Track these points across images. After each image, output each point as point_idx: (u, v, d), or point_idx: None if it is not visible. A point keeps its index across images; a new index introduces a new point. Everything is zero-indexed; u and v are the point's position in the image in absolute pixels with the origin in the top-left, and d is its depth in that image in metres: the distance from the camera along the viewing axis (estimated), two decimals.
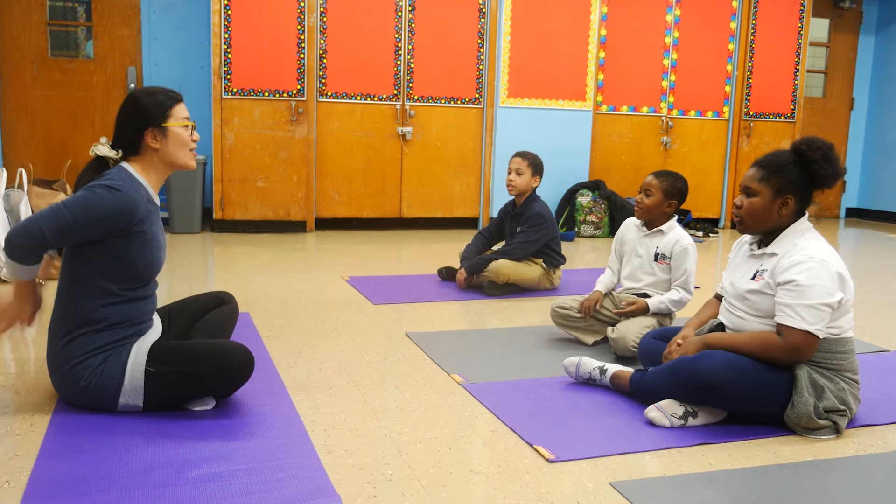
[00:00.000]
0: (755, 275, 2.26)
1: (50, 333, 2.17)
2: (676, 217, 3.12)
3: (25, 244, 2.00)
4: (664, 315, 3.02)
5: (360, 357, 2.82)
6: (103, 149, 2.16)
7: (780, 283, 2.15)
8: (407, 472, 1.88)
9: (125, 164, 2.17)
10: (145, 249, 2.13)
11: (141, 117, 2.16)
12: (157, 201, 2.24)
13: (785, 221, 2.24)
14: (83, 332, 2.09)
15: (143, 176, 2.18)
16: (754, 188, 2.25)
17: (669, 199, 3.03)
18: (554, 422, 2.22)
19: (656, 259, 3.04)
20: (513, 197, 4.13)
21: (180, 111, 2.21)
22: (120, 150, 2.17)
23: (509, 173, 4.04)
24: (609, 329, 3.00)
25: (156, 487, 1.73)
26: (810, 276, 2.11)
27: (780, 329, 2.13)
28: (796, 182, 2.21)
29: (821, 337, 2.12)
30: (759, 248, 2.31)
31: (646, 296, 3.06)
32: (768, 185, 2.23)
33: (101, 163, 2.18)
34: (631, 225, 3.19)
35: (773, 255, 2.23)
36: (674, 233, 3.04)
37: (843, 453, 2.08)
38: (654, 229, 3.07)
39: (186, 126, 2.22)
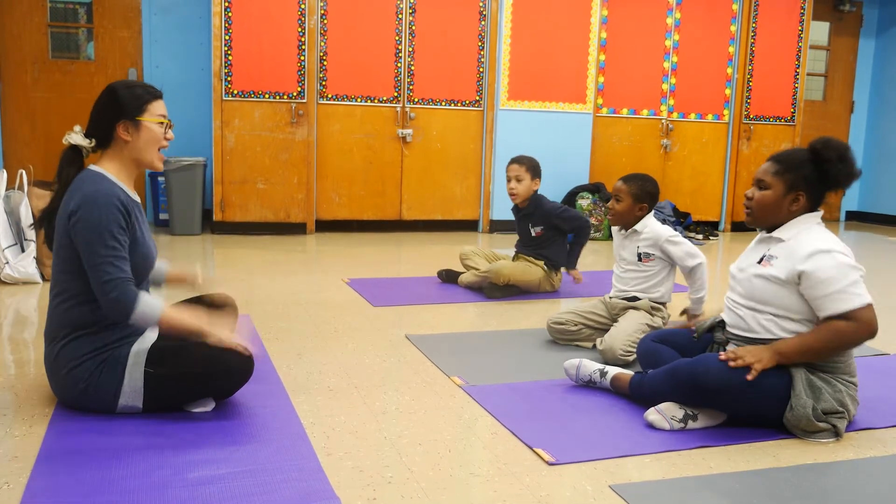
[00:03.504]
0: (761, 259, 2.26)
1: (46, 337, 2.16)
2: (668, 216, 3.15)
3: (129, 303, 2.01)
4: (654, 316, 3.02)
5: (359, 359, 2.82)
6: (76, 137, 2.14)
7: (806, 279, 2.13)
8: (406, 474, 1.88)
9: (93, 166, 2.15)
10: (136, 246, 2.13)
11: (115, 108, 2.13)
12: (136, 198, 2.22)
13: (793, 218, 2.25)
14: (80, 335, 2.09)
15: (114, 173, 2.16)
16: (767, 181, 2.26)
17: (640, 202, 3.06)
18: (554, 424, 2.22)
19: (640, 259, 3.06)
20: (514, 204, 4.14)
21: (157, 108, 2.18)
22: (93, 140, 2.15)
23: (509, 181, 4.04)
24: (598, 340, 3.00)
25: (155, 489, 1.73)
26: (834, 261, 2.12)
27: (847, 315, 2.11)
28: (809, 180, 2.22)
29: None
30: (767, 232, 2.31)
31: (635, 299, 3.07)
32: (781, 180, 2.23)
33: (76, 152, 2.16)
34: (616, 230, 3.23)
35: (780, 240, 2.24)
36: (649, 229, 3.06)
37: (842, 456, 2.08)
38: (630, 230, 3.10)
39: (161, 124, 2.19)
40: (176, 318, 2.10)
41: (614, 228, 3.20)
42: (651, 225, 3.07)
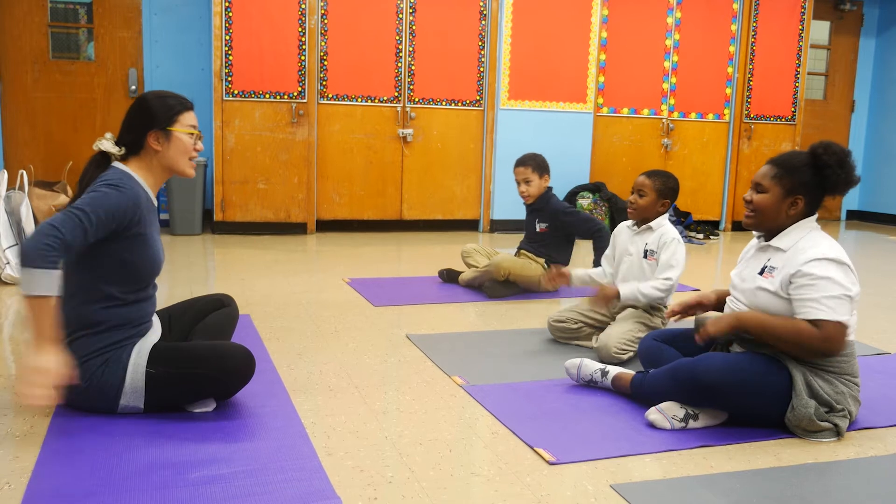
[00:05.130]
0: (763, 270, 2.25)
1: None
2: (669, 216, 3.11)
3: (41, 246, 1.86)
4: (653, 316, 3.00)
5: (360, 359, 2.82)
6: (107, 144, 2.16)
7: (795, 280, 2.13)
8: (407, 474, 1.88)
9: (120, 165, 2.16)
10: (145, 250, 2.13)
11: (147, 118, 2.17)
12: (155, 202, 2.24)
13: (792, 222, 2.24)
14: (83, 335, 2.09)
15: (141, 176, 2.18)
16: (765, 185, 2.25)
17: (663, 198, 3.01)
18: (555, 424, 2.22)
19: (646, 256, 3.02)
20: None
21: (188, 118, 2.22)
22: (123, 148, 2.18)
23: (518, 185, 4.04)
24: (594, 338, 2.99)
25: (156, 489, 1.73)
26: (825, 270, 2.11)
27: (815, 323, 2.09)
28: (808, 184, 2.21)
29: (850, 328, 2.10)
30: (765, 240, 2.30)
31: None
32: (780, 184, 2.22)
33: (104, 157, 2.18)
34: (623, 227, 3.19)
35: (779, 249, 2.23)
36: (662, 229, 3.02)
37: (843, 456, 2.08)
38: (645, 226, 3.05)
39: (191, 134, 2.22)
40: (35, 313, 1.87)
41: (626, 223, 3.16)
42: (666, 225, 3.03)
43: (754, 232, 2.37)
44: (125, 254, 2.09)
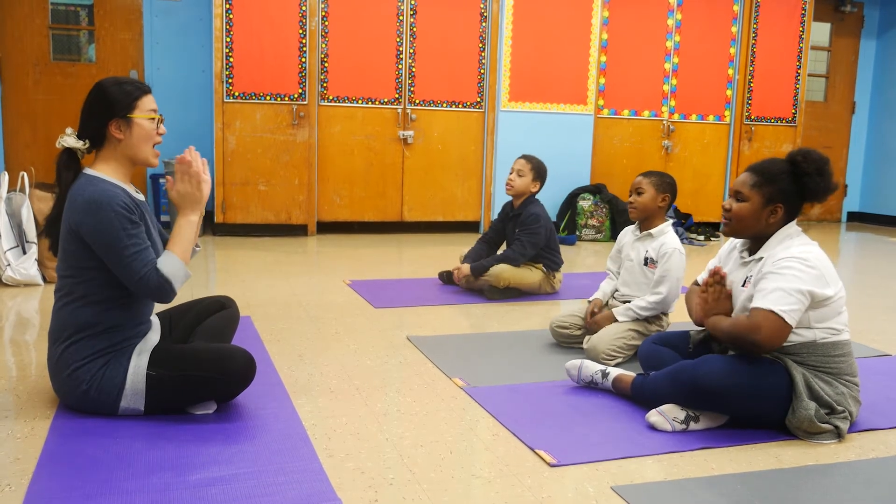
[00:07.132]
0: (745, 281, 2.26)
1: (50, 339, 2.16)
2: (672, 221, 3.09)
3: (166, 284, 2.07)
4: (648, 322, 2.99)
5: (361, 361, 2.82)
6: (70, 140, 2.13)
7: (758, 281, 2.17)
8: (408, 476, 1.88)
9: (88, 170, 2.12)
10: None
11: (106, 107, 2.11)
12: (140, 196, 2.21)
13: (772, 230, 2.25)
14: (83, 337, 2.09)
15: (110, 174, 2.14)
16: (745, 193, 2.25)
17: (662, 192, 3.00)
18: (555, 426, 2.22)
19: (646, 263, 3.01)
20: (510, 198, 4.12)
21: (147, 103, 2.16)
22: (86, 141, 2.14)
23: (511, 173, 4.04)
24: (585, 339, 2.98)
25: (157, 491, 1.73)
26: (782, 267, 2.12)
27: (753, 311, 2.12)
28: (787, 192, 2.21)
29: (789, 322, 2.08)
30: (749, 255, 2.31)
31: None
32: (759, 193, 2.22)
33: (71, 155, 2.14)
34: (628, 232, 3.18)
35: (761, 259, 2.24)
36: (664, 237, 3.00)
37: (844, 457, 2.08)
38: (645, 232, 3.04)
39: (153, 119, 2.17)
40: (185, 247, 2.14)
41: (631, 228, 3.15)
42: (668, 233, 3.01)
43: (737, 241, 2.38)
44: None
